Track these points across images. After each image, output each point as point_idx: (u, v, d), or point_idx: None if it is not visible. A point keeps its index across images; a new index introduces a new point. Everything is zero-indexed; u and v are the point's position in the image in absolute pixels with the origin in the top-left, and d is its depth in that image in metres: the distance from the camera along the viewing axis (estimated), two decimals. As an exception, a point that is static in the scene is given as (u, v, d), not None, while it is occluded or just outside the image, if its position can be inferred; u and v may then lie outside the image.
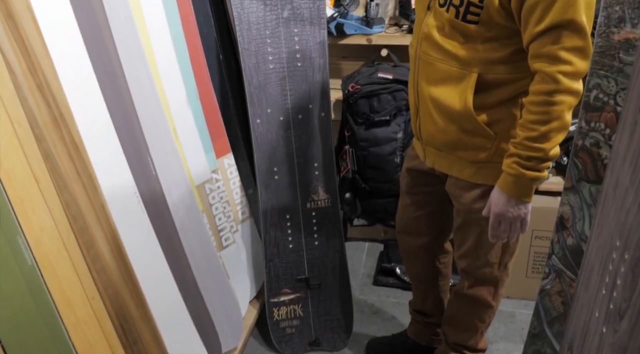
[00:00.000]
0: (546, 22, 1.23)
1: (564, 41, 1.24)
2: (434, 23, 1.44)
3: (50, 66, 1.06)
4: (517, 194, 1.40)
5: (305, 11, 1.94)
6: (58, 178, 1.10)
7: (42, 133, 1.06)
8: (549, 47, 1.26)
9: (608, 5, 0.97)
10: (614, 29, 0.99)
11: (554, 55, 1.25)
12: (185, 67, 1.78)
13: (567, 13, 1.21)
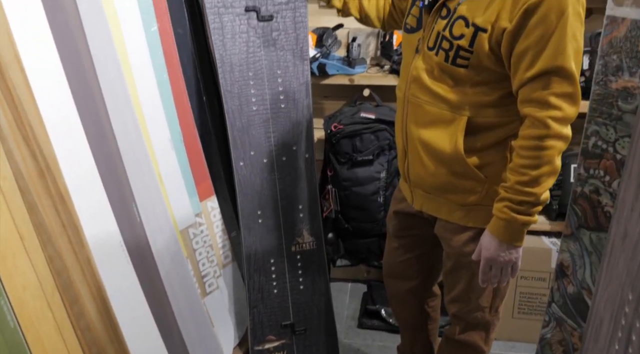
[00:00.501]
0: (536, 68, 1.24)
1: (553, 87, 1.25)
2: (423, 66, 1.44)
3: (38, 117, 1.02)
4: (508, 238, 1.39)
5: (288, 53, 1.93)
6: (42, 232, 1.05)
7: (27, 186, 1.00)
8: (539, 93, 1.26)
9: (605, 54, 0.98)
10: (612, 78, 1.00)
11: (544, 100, 1.26)
12: (169, 110, 1.74)
13: (556, 60, 1.22)
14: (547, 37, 1.22)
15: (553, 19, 1.21)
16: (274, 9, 1.88)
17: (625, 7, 1.03)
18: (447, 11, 1.37)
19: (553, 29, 1.21)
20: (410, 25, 1.52)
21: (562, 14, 1.20)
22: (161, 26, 1.71)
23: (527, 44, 1.24)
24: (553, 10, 1.20)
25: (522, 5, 1.22)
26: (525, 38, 1.24)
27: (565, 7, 1.20)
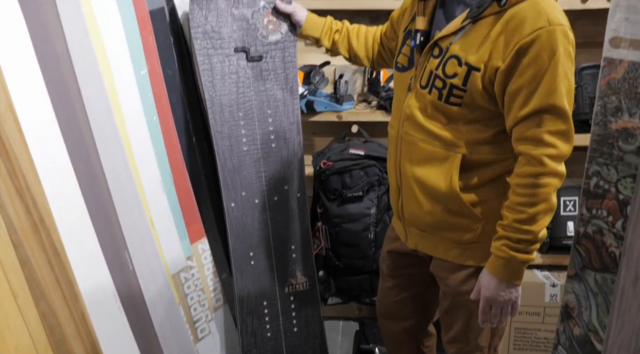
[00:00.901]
0: (530, 106, 1.25)
1: (547, 125, 1.26)
2: (416, 104, 1.44)
3: (31, 168, 0.99)
4: (507, 277, 1.38)
5: (278, 92, 1.93)
6: (35, 287, 1.00)
7: (20, 240, 0.97)
8: (534, 131, 1.27)
9: (604, 95, 0.99)
10: (611, 118, 1.00)
11: (538, 138, 1.27)
12: (160, 153, 1.71)
13: (550, 98, 1.23)
14: (539, 76, 1.23)
15: (545, 58, 1.22)
16: (263, 50, 1.88)
17: (622, 49, 1.04)
18: (439, 50, 1.37)
19: (545, 68, 1.23)
20: (402, 64, 1.52)
21: (554, 53, 1.22)
22: (151, 68, 1.70)
23: (521, 83, 1.25)
24: (545, 50, 1.22)
25: (515, 45, 1.23)
26: (519, 77, 1.25)
27: (557, 47, 1.22)
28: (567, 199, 2.18)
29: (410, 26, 1.51)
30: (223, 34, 1.82)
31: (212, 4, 1.78)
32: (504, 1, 1.25)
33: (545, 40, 1.21)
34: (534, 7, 1.24)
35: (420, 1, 1.46)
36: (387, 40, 1.77)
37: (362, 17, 2.51)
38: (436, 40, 1.38)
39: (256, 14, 1.85)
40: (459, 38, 1.33)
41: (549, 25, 1.21)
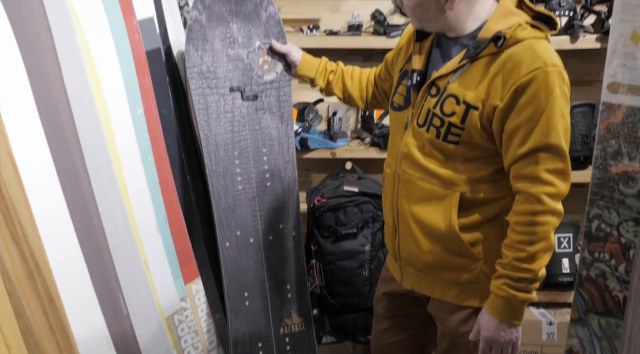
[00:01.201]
0: (528, 145, 1.26)
1: (545, 163, 1.26)
2: (413, 142, 1.44)
3: (29, 215, 0.97)
4: (508, 317, 1.36)
5: (273, 131, 1.92)
6: (29, 337, 0.97)
7: (15, 288, 0.94)
8: (532, 168, 1.28)
9: (603, 139, 1.00)
10: (611, 162, 1.01)
11: (537, 176, 1.27)
12: (155, 193, 1.70)
13: (547, 137, 1.25)
14: (537, 115, 1.25)
15: (542, 97, 1.24)
16: (258, 89, 1.89)
17: (621, 95, 1.06)
18: (436, 89, 1.39)
19: (543, 107, 1.24)
20: (398, 104, 1.52)
21: (551, 93, 1.24)
22: (147, 108, 1.69)
23: (519, 122, 1.26)
24: (542, 90, 1.24)
25: (512, 84, 1.25)
26: (517, 116, 1.26)
27: (553, 87, 1.24)
28: (562, 235, 2.18)
29: (406, 66, 1.53)
30: (218, 73, 1.82)
31: (207, 44, 1.79)
32: (500, 42, 1.27)
33: (542, 80, 1.23)
34: (530, 48, 1.26)
35: (416, 41, 1.48)
36: (381, 82, 1.79)
37: (355, 56, 2.54)
38: (434, 79, 1.39)
39: (251, 54, 1.86)
40: (456, 77, 1.35)
41: (545, 66, 1.23)
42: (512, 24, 1.29)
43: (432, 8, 1.33)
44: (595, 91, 2.48)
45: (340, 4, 2.52)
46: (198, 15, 1.76)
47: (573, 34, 2.14)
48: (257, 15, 1.82)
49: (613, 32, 1.22)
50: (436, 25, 1.39)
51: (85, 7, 1.45)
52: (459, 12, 1.34)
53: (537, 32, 1.30)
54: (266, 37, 1.86)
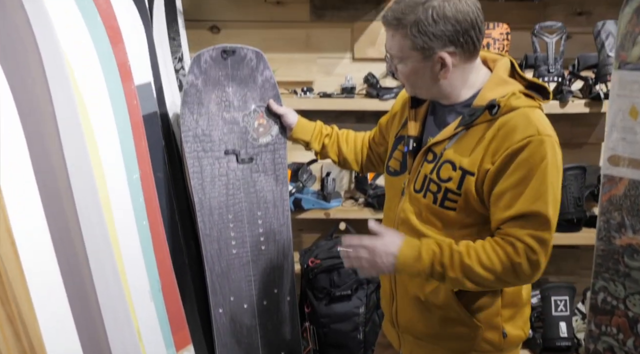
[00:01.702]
0: (514, 209, 1.26)
1: (530, 229, 1.26)
2: (410, 208, 1.43)
3: (26, 294, 0.94)
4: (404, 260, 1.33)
5: (268, 194, 1.92)
6: None
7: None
8: (516, 231, 1.27)
9: (605, 211, 1.00)
10: (615, 234, 1.01)
11: (521, 238, 1.26)
12: (149, 258, 1.66)
13: (535, 204, 1.25)
14: (526, 180, 1.25)
15: (533, 164, 1.24)
16: (253, 152, 1.89)
17: (622, 168, 1.07)
18: (433, 155, 1.39)
19: (533, 174, 1.24)
20: (394, 169, 1.53)
21: (542, 160, 1.24)
22: (143, 173, 1.68)
23: (507, 185, 1.27)
24: (534, 157, 1.24)
25: (506, 149, 1.26)
26: (506, 179, 1.27)
27: (545, 155, 1.25)
28: (558, 298, 2.16)
29: (402, 132, 1.54)
30: (213, 137, 1.83)
31: (203, 108, 1.80)
32: (495, 110, 1.29)
33: (534, 147, 1.24)
34: (524, 116, 1.28)
35: (411, 108, 1.50)
36: (375, 146, 1.80)
37: (348, 117, 2.57)
38: (430, 145, 1.40)
39: (247, 117, 1.87)
40: (452, 144, 1.36)
41: (538, 134, 1.25)
42: (506, 92, 1.31)
43: (427, 76, 1.35)
44: (584, 153, 2.53)
45: (333, 67, 2.56)
46: (194, 80, 1.77)
47: (562, 99, 2.18)
48: (253, 79, 1.85)
49: (611, 106, 1.25)
50: (430, 93, 1.41)
51: (85, 73, 1.46)
52: (453, 81, 1.35)
53: (531, 101, 1.32)
54: (262, 101, 1.88)
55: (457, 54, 1.31)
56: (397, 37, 1.33)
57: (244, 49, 1.81)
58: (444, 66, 1.31)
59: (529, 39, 2.32)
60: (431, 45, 1.29)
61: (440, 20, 1.26)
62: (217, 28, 2.55)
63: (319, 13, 2.52)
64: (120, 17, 1.68)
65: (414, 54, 1.32)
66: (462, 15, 1.27)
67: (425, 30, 1.27)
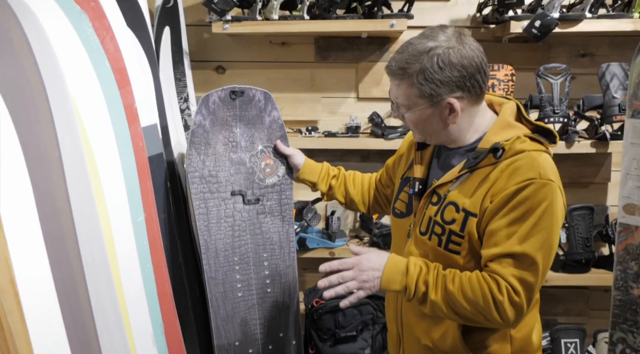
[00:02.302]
0: (501, 247, 1.25)
1: (514, 270, 1.25)
2: (416, 251, 1.43)
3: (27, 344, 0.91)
4: (389, 277, 1.33)
5: (274, 235, 1.90)
6: None
7: None
8: (500, 269, 1.26)
9: (622, 260, 0.99)
10: (632, 284, 0.99)
11: (504, 277, 1.26)
12: (152, 301, 1.64)
13: (522, 245, 1.24)
14: (520, 221, 1.25)
15: (528, 206, 1.24)
16: (260, 193, 1.88)
17: (637, 216, 1.05)
18: (437, 197, 1.39)
19: (529, 215, 1.24)
20: (400, 211, 1.53)
21: (539, 204, 1.24)
22: (148, 215, 1.67)
23: (501, 224, 1.26)
24: (531, 199, 1.24)
25: (504, 190, 1.26)
26: (501, 217, 1.27)
27: (543, 200, 1.24)
28: (569, 341, 2.12)
29: (408, 174, 1.54)
30: (220, 178, 1.82)
31: (210, 149, 1.79)
32: (499, 154, 1.30)
33: (534, 189, 1.24)
34: (529, 159, 1.28)
35: (417, 150, 1.51)
36: (382, 187, 1.79)
37: (352, 156, 2.57)
38: (434, 187, 1.40)
39: (254, 157, 1.87)
40: (456, 186, 1.36)
41: (539, 178, 1.25)
42: (511, 136, 1.31)
43: (435, 122, 1.36)
44: (591, 193, 2.51)
45: (338, 107, 2.57)
46: (202, 120, 1.78)
47: (568, 139, 2.18)
48: (260, 120, 1.85)
49: (625, 154, 1.25)
50: (439, 138, 1.41)
51: (92, 117, 1.46)
52: (461, 125, 1.36)
53: (537, 145, 1.32)
54: (269, 141, 1.88)
55: (465, 98, 1.32)
56: (403, 86, 1.34)
57: (253, 90, 1.82)
58: (452, 111, 1.32)
59: (532, 80, 2.33)
60: (439, 92, 1.30)
61: (446, 67, 1.27)
62: (223, 68, 2.57)
63: (323, 54, 2.54)
64: (128, 59, 1.70)
65: (421, 101, 1.33)
66: (467, 61, 1.28)
67: (432, 77, 1.28)
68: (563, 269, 2.23)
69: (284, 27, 2.28)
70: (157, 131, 1.85)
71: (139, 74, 1.78)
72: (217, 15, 2.26)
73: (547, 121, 2.16)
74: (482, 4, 2.39)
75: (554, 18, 2.14)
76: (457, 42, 1.29)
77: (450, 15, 2.49)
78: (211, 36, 2.53)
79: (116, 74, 1.62)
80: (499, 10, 2.27)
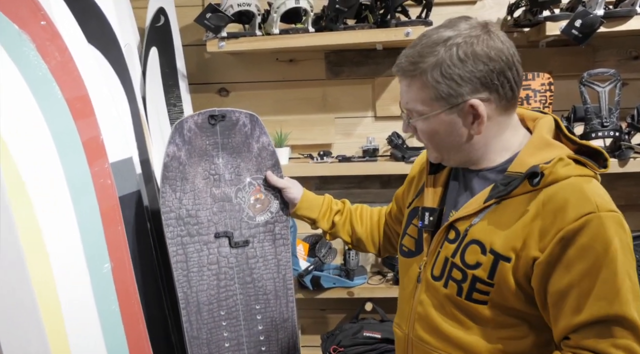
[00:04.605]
0: (586, 313, 0.98)
1: (612, 338, 0.97)
2: (429, 301, 1.16)
3: None
4: None
5: (268, 283, 1.62)
6: None
7: None
8: (594, 343, 0.98)
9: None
10: None
11: (602, 351, 0.97)
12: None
13: (613, 306, 0.96)
14: (594, 273, 0.97)
15: (599, 250, 0.97)
16: (249, 233, 1.61)
17: None
18: (455, 233, 1.12)
19: (600, 263, 0.97)
20: (408, 248, 1.26)
21: (609, 245, 0.97)
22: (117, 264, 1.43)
23: (569, 281, 0.99)
24: (597, 241, 0.97)
25: (557, 232, 0.99)
26: (566, 273, 0.99)
27: (612, 238, 0.97)
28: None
29: (416, 202, 1.28)
30: (201, 218, 1.56)
31: (188, 184, 1.54)
32: (537, 180, 1.02)
33: (595, 227, 0.97)
34: (577, 188, 1.01)
35: (429, 174, 1.24)
36: (393, 222, 1.51)
37: (371, 183, 2.30)
38: (452, 221, 1.13)
39: (241, 192, 1.60)
40: (480, 219, 1.09)
41: (598, 211, 0.98)
42: (551, 157, 1.04)
43: (455, 134, 1.09)
44: None
45: (353, 128, 2.31)
46: (176, 151, 1.52)
47: (621, 156, 1.84)
48: (247, 147, 1.58)
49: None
50: (459, 155, 1.14)
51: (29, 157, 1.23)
52: (488, 138, 1.10)
53: (584, 169, 1.05)
54: (258, 172, 1.60)
55: (492, 101, 1.06)
56: (414, 87, 1.08)
57: (236, 113, 1.56)
58: (477, 118, 1.06)
59: (575, 89, 2.03)
60: (459, 92, 1.04)
61: (469, 59, 1.03)
62: (226, 90, 2.35)
63: (335, 70, 2.29)
64: (93, 85, 1.48)
65: (437, 105, 1.07)
66: (495, 53, 1.03)
67: (451, 73, 1.03)
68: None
69: (287, 41, 2.05)
70: (133, 166, 1.63)
71: (108, 101, 1.57)
72: (212, 33, 2.04)
73: (595, 136, 1.82)
74: (512, 5, 2.09)
75: (598, 16, 1.81)
76: (483, 32, 1.04)
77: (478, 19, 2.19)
78: (212, 56, 2.32)
79: (73, 104, 1.41)
80: (532, 10, 1.96)
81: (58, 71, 1.38)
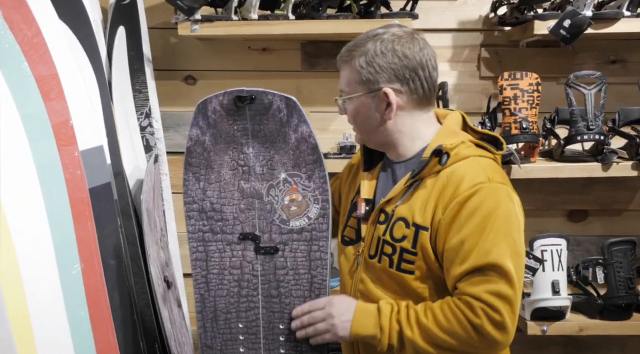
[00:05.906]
0: (468, 263, 1.18)
1: (487, 285, 1.17)
2: (367, 278, 1.34)
3: None
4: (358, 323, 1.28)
5: (297, 301, 1.42)
6: None
7: None
8: (473, 289, 1.18)
9: None
10: None
11: (478, 296, 1.17)
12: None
13: (489, 255, 1.17)
14: (479, 231, 1.18)
15: (485, 212, 1.18)
16: (280, 239, 1.40)
17: None
18: (384, 216, 1.32)
19: (486, 222, 1.18)
20: (349, 238, 1.42)
21: (496, 208, 1.19)
22: (87, 265, 1.28)
23: (460, 238, 1.19)
24: (485, 204, 1.19)
25: (454, 198, 1.21)
26: (457, 231, 1.20)
27: (498, 203, 1.20)
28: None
29: (356, 198, 1.42)
30: (226, 213, 1.39)
31: (213, 174, 1.38)
32: (445, 160, 1.24)
33: (485, 194, 1.19)
34: (474, 163, 1.24)
35: (364, 171, 1.42)
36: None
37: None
38: (381, 206, 1.32)
39: (274, 189, 1.40)
40: (403, 200, 1.29)
41: (489, 182, 1.21)
42: (457, 142, 1.26)
43: (372, 116, 1.30)
44: (626, 222, 2.23)
45: (329, 123, 2.21)
46: (200, 135, 1.36)
47: (604, 160, 1.83)
48: (282, 137, 1.38)
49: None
50: (375, 136, 1.34)
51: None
52: (400, 126, 1.31)
53: (483, 151, 1.29)
54: (296, 168, 1.39)
55: (404, 93, 1.28)
56: (346, 72, 1.32)
57: (269, 95, 1.36)
58: (389, 105, 1.27)
59: (555, 90, 2.06)
60: (376, 78, 1.27)
61: (388, 52, 1.25)
62: (193, 78, 2.20)
63: (311, 61, 2.19)
64: (63, 65, 1.32)
65: (359, 88, 1.29)
66: (411, 52, 1.26)
67: (372, 61, 1.26)
68: (601, 315, 1.87)
69: (265, 28, 1.92)
70: (104, 155, 1.47)
71: (80, 83, 1.40)
72: (184, 15, 1.88)
73: (581, 139, 1.81)
74: (496, 2, 2.05)
75: (587, 17, 1.80)
76: (407, 36, 1.27)
77: (459, 16, 2.15)
78: (179, 41, 2.15)
79: (43, 83, 1.25)
80: (519, 8, 1.92)
81: (26, 44, 1.22)
